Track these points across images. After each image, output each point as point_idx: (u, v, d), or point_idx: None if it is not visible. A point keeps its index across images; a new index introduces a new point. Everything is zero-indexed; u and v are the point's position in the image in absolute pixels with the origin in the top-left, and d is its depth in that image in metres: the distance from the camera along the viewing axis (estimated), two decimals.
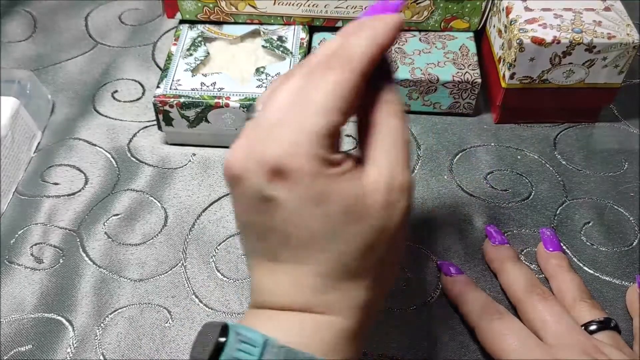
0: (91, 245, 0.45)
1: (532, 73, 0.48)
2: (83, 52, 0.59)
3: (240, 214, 0.29)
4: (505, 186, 0.48)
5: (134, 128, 0.53)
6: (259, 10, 0.53)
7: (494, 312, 0.38)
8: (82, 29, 0.62)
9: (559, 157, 0.50)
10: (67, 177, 0.49)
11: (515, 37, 0.47)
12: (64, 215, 0.47)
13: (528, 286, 0.39)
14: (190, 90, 0.48)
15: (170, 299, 0.42)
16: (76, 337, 0.40)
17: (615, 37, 0.46)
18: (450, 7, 0.52)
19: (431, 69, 0.51)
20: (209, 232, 0.45)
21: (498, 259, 0.42)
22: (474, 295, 0.39)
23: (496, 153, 0.50)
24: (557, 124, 0.53)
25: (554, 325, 0.36)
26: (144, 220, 0.46)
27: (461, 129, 0.52)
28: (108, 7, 0.64)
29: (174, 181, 0.49)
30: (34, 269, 0.43)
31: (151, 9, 0.63)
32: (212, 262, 0.44)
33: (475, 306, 0.39)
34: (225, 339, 0.26)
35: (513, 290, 0.40)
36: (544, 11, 0.48)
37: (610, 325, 0.37)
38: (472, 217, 0.46)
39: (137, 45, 0.60)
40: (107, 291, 0.42)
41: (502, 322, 0.37)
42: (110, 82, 0.56)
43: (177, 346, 0.40)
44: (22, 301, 0.42)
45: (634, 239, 0.45)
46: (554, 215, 0.46)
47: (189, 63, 0.51)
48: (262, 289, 0.29)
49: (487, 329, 0.37)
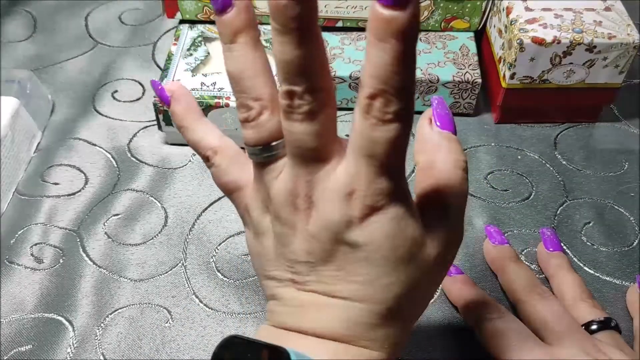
0: (91, 245, 0.45)
1: (533, 73, 0.48)
2: (83, 52, 0.59)
3: (304, 248, 0.28)
4: (506, 186, 0.48)
5: (134, 128, 0.53)
6: (259, 10, 0.53)
7: (494, 311, 0.38)
8: (82, 29, 0.62)
9: (559, 157, 0.50)
10: (67, 177, 0.49)
11: (515, 37, 0.47)
12: (64, 215, 0.47)
13: (528, 286, 0.39)
14: (190, 90, 0.48)
15: (170, 299, 0.42)
16: (76, 337, 0.40)
17: (616, 37, 0.46)
18: (450, 7, 0.52)
19: (431, 69, 0.51)
20: (209, 232, 0.45)
21: (498, 259, 0.42)
22: (473, 295, 0.39)
23: (496, 153, 0.50)
24: (558, 124, 0.53)
25: (554, 324, 0.36)
26: (144, 220, 0.46)
27: (461, 129, 0.52)
28: (108, 7, 0.64)
29: (174, 181, 0.49)
30: (34, 269, 0.43)
31: (151, 9, 0.63)
32: (212, 262, 0.44)
33: (475, 306, 0.39)
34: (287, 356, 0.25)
35: (513, 290, 0.40)
36: (544, 11, 0.48)
37: (610, 325, 0.37)
38: (472, 217, 0.46)
39: (137, 45, 0.60)
40: (107, 291, 0.42)
41: (502, 321, 0.37)
42: (110, 82, 0.56)
43: (177, 346, 0.40)
44: (22, 301, 0.42)
45: (634, 239, 0.45)
46: (554, 215, 0.46)
47: (189, 63, 0.51)
48: (303, 316, 0.28)
49: (487, 328, 0.37)
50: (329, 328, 0.27)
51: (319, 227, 0.27)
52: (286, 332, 0.28)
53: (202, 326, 0.40)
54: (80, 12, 0.63)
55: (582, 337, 0.36)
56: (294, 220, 0.27)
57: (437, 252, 0.28)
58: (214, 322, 0.41)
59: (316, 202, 0.26)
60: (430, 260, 0.27)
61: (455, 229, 0.29)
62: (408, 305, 0.28)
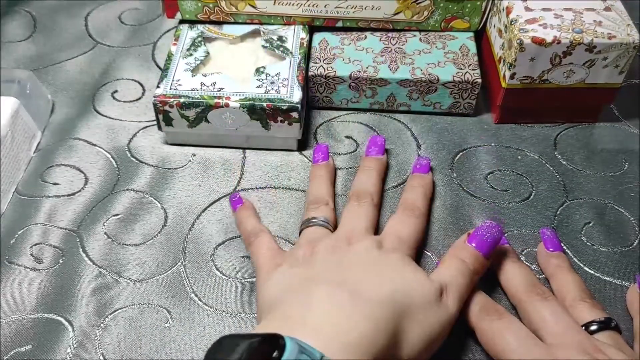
0: (91, 245, 0.45)
1: (533, 73, 0.48)
2: (83, 52, 0.59)
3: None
4: (506, 186, 0.48)
5: (133, 128, 0.53)
6: (259, 10, 0.53)
7: (494, 312, 0.38)
8: (82, 29, 0.62)
9: (559, 157, 0.50)
10: (67, 177, 0.49)
11: (515, 37, 0.47)
12: (64, 215, 0.47)
13: (528, 286, 0.39)
14: (190, 90, 0.48)
15: (170, 299, 0.42)
16: (76, 338, 0.40)
17: (616, 37, 0.46)
18: (450, 7, 0.52)
19: (431, 69, 0.51)
20: (208, 232, 0.45)
21: (497, 259, 0.42)
22: (473, 295, 0.39)
23: (496, 153, 0.50)
24: (558, 124, 0.53)
25: (554, 325, 0.36)
26: (144, 220, 0.46)
27: (461, 129, 0.52)
28: (108, 7, 0.64)
29: (174, 181, 0.49)
30: (33, 269, 0.43)
31: (151, 9, 0.63)
32: (212, 262, 0.44)
33: (475, 306, 0.39)
34: (283, 343, 0.28)
35: (513, 290, 0.40)
36: (544, 11, 0.48)
37: (610, 325, 0.37)
38: (472, 217, 0.46)
39: (137, 45, 0.60)
40: (107, 291, 0.42)
41: (501, 322, 0.37)
42: (110, 82, 0.56)
43: (177, 346, 0.40)
44: (22, 301, 0.42)
45: (635, 239, 0.45)
46: (554, 215, 0.46)
47: (189, 63, 0.51)
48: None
49: (486, 329, 0.37)
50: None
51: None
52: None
53: (202, 326, 0.40)
54: (80, 12, 0.63)
55: (582, 338, 0.36)
56: None
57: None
58: (213, 322, 0.41)
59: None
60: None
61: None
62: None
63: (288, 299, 0.35)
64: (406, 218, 0.43)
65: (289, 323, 0.33)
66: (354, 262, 0.38)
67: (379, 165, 0.47)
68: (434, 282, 0.37)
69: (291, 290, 0.36)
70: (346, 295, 0.34)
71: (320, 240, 0.40)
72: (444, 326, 0.36)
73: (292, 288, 0.36)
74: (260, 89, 0.48)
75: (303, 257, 0.39)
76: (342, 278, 0.36)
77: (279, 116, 0.48)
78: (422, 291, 0.36)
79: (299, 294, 0.35)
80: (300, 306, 0.34)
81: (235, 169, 0.50)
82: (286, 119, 0.48)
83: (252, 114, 0.48)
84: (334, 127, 0.52)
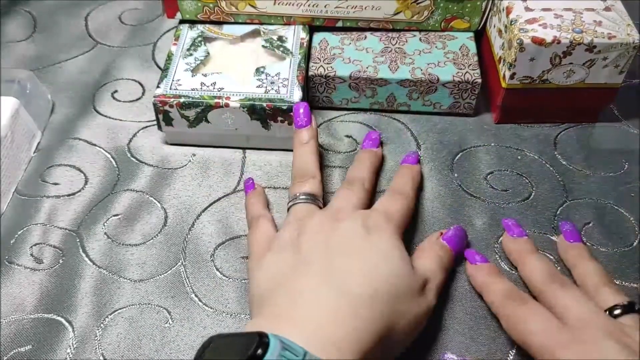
0: (91, 245, 0.45)
1: (533, 73, 0.48)
2: (83, 52, 0.59)
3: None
4: (506, 186, 0.48)
5: (133, 128, 0.53)
6: (259, 10, 0.53)
7: (518, 298, 0.38)
8: (82, 29, 0.62)
9: (559, 157, 0.50)
10: (67, 177, 0.49)
11: (515, 37, 0.47)
12: (64, 215, 0.47)
13: (548, 276, 0.39)
14: (190, 90, 0.48)
15: (170, 299, 0.42)
16: (76, 338, 0.40)
17: (616, 37, 0.46)
18: (450, 7, 0.52)
19: (431, 69, 0.51)
20: (208, 232, 0.45)
21: (517, 251, 0.42)
22: (498, 283, 0.40)
23: (496, 153, 0.50)
24: (558, 124, 0.53)
25: (577, 310, 0.37)
26: (144, 220, 0.46)
27: (461, 129, 0.52)
28: (108, 7, 0.64)
29: (174, 181, 0.49)
30: (33, 269, 0.43)
31: (151, 9, 0.63)
32: (212, 262, 0.44)
33: (499, 293, 0.39)
34: (267, 340, 0.29)
35: (534, 281, 0.40)
36: (544, 11, 0.48)
37: (634, 308, 0.37)
38: (472, 217, 0.46)
39: (137, 45, 0.60)
40: (107, 291, 0.42)
41: (526, 307, 0.38)
42: (110, 82, 0.56)
43: (177, 346, 0.40)
44: (22, 301, 0.42)
45: (634, 239, 0.45)
46: (554, 215, 0.46)
47: (189, 63, 0.51)
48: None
49: (511, 314, 0.38)
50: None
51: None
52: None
53: (202, 326, 0.40)
54: (80, 12, 0.63)
55: (606, 321, 0.36)
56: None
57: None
58: (213, 322, 0.41)
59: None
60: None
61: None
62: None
63: (275, 293, 0.36)
64: (394, 198, 0.43)
65: (276, 320, 0.33)
66: (342, 244, 0.38)
67: (372, 157, 0.48)
68: (417, 274, 0.38)
69: (279, 283, 0.36)
70: (333, 291, 0.34)
71: (308, 218, 0.40)
72: (423, 318, 0.37)
73: (279, 280, 0.37)
74: (260, 89, 0.48)
75: (290, 239, 0.39)
76: (329, 266, 0.36)
77: (279, 116, 0.48)
78: (409, 282, 0.37)
79: (285, 287, 0.36)
80: (286, 301, 0.35)
81: (235, 169, 0.50)
82: (286, 119, 0.48)
83: (252, 114, 0.48)
84: (334, 127, 0.52)
